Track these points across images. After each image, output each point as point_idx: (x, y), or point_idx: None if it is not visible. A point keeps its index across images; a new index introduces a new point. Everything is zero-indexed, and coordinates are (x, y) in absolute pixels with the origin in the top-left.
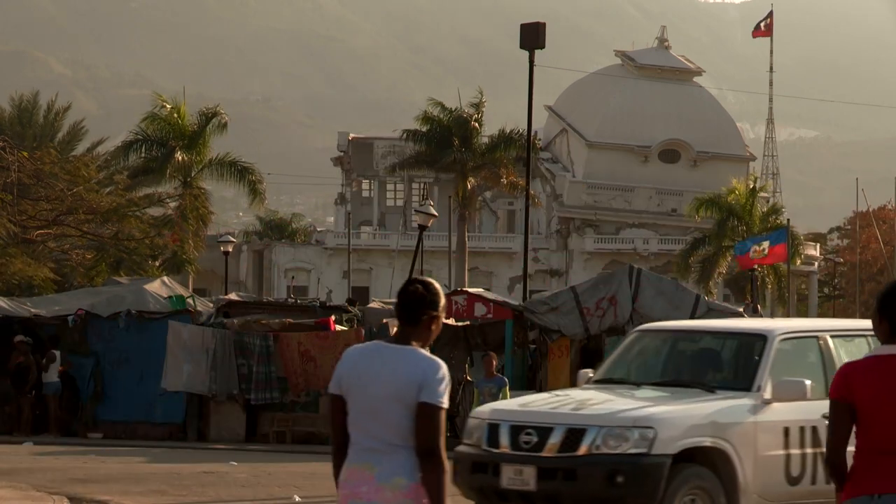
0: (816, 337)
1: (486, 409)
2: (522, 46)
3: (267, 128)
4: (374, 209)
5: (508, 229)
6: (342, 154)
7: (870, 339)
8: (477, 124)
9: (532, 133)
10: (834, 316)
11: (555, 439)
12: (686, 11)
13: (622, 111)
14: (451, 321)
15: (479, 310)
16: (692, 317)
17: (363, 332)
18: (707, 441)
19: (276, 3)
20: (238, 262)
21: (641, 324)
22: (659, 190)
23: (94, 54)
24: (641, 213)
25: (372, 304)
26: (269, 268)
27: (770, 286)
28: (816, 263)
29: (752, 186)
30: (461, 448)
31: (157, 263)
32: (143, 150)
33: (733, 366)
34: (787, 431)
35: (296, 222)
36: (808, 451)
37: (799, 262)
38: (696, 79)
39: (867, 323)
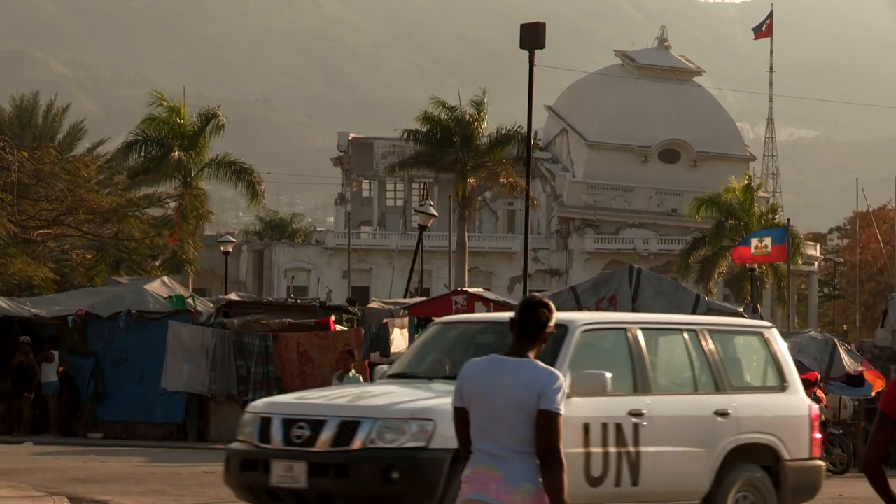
0: (624, 329)
1: (260, 403)
2: (522, 46)
3: (267, 128)
4: (374, 209)
5: (508, 229)
6: (342, 154)
7: (686, 333)
8: (478, 124)
9: (532, 133)
10: (834, 316)
11: (327, 433)
12: (686, 11)
13: (622, 111)
14: None
15: (479, 310)
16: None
17: (363, 332)
18: None
19: (276, 3)
20: (238, 262)
21: None
22: (659, 190)
23: (94, 54)
24: (641, 213)
25: (372, 304)
26: (269, 268)
27: (769, 286)
28: (816, 263)
29: (747, 183)
30: (233, 445)
31: (157, 263)
32: (143, 150)
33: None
34: (587, 428)
35: (296, 222)
36: (612, 450)
37: (800, 261)
38: (696, 79)
39: (686, 317)
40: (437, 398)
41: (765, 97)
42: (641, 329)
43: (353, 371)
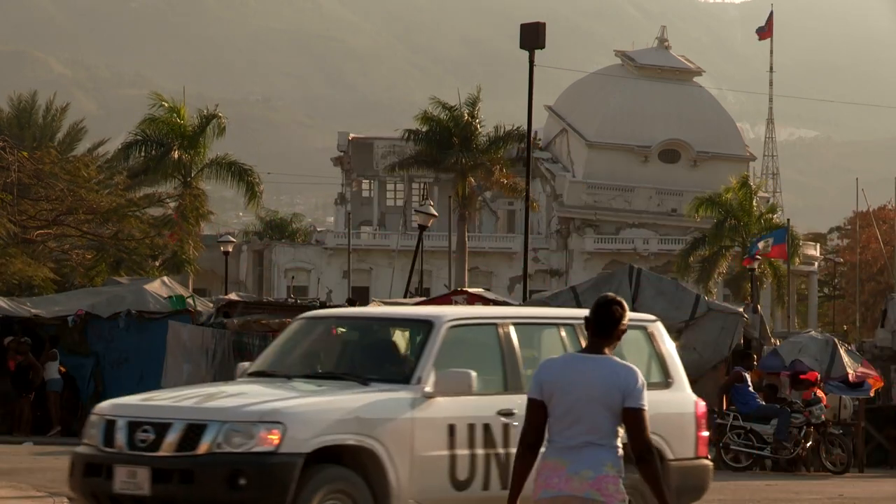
0: (495, 325)
1: (106, 405)
2: (522, 46)
3: (267, 128)
4: (374, 209)
5: (508, 229)
6: (342, 154)
7: (563, 328)
8: (475, 123)
9: (532, 133)
10: (834, 316)
11: (172, 437)
12: (686, 11)
13: (622, 111)
14: None
15: None
16: (692, 317)
17: None
18: (351, 439)
19: (276, 3)
20: (238, 262)
21: None
22: (659, 190)
23: (94, 54)
24: (641, 213)
25: (372, 304)
26: (269, 268)
27: (766, 286)
28: (816, 263)
29: (744, 182)
30: (78, 448)
31: (157, 263)
32: (143, 150)
33: (394, 356)
34: (452, 429)
35: (296, 222)
36: (479, 451)
37: (798, 261)
38: (696, 79)
39: (564, 311)
40: (290, 399)
41: (765, 97)
42: (514, 324)
43: None
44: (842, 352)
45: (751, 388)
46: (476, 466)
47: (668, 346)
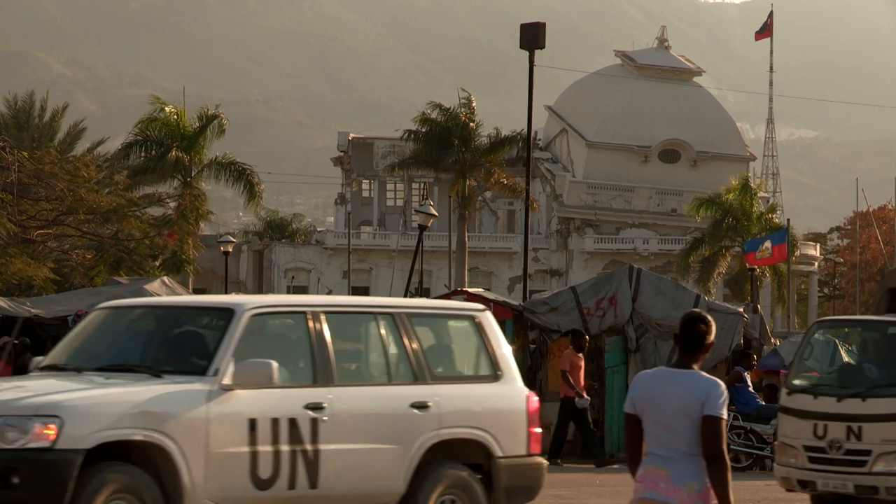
0: (304, 314)
1: None
2: (522, 46)
3: (267, 128)
4: (374, 209)
5: (508, 229)
6: (342, 154)
7: (382, 318)
8: (472, 123)
9: (532, 133)
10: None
11: None
12: (686, 11)
13: (622, 111)
14: None
15: None
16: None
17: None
18: (137, 434)
19: (276, 3)
20: (238, 262)
21: (641, 324)
22: (659, 190)
23: (94, 54)
24: (641, 213)
25: None
26: (269, 268)
27: (765, 285)
28: (816, 263)
29: (744, 183)
30: None
31: (157, 263)
32: (143, 150)
33: (191, 346)
34: (254, 424)
35: (296, 222)
36: (285, 448)
37: (794, 260)
38: (696, 79)
39: (385, 300)
40: (70, 392)
41: (765, 97)
42: (326, 313)
43: None
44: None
45: (751, 388)
46: (280, 464)
47: (498, 338)
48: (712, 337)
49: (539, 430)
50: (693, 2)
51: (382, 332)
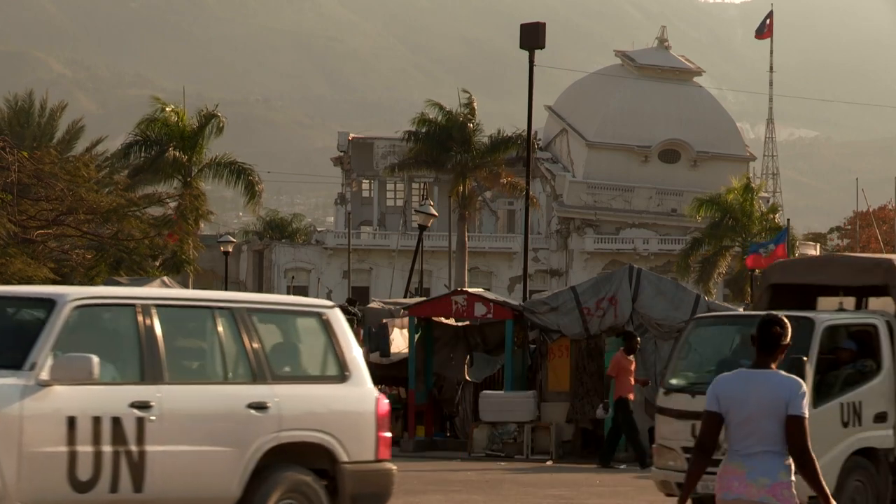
0: (133, 306)
1: None
2: (522, 46)
3: (267, 128)
4: (374, 209)
5: (508, 229)
6: (342, 154)
7: (219, 313)
8: (471, 124)
9: (532, 133)
10: None
11: None
12: (686, 11)
13: (622, 111)
14: (450, 321)
15: (479, 310)
16: (692, 317)
17: (362, 332)
18: None
19: (276, 3)
20: (238, 262)
21: (641, 324)
22: (659, 190)
23: (94, 54)
24: (641, 213)
25: (372, 305)
26: (269, 268)
27: None
28: None
29: (746, 183)
30: None
31: (157, 263)
32: (143, 150)
33: (9, 338)
34: (73, 423)
35: (296, 222)
36: (107, 449)
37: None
38: (696, 79)
39: (224, 294)
40: None
41: (765, 97)
42: (158, 307)
43: None
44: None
45: None
46: (102, 465)
47: (347, 336)
48: (788, 338)
49: (389, 434)
50: (693, 2)
51: (220, 328)
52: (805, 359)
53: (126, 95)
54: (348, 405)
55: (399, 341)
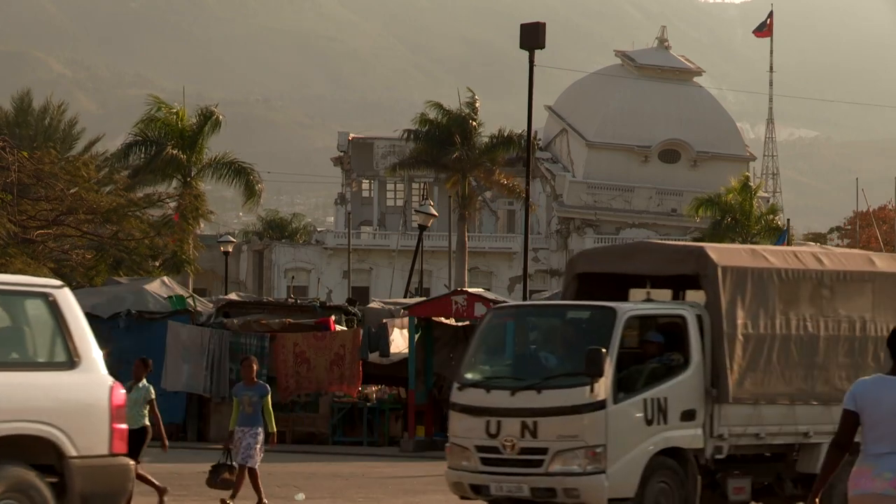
0: None
1: None
2: (522, 46)
3: (267, 128)
4: (374, 209)
5: (508, 229)
6: (342, 154)
7: None
8: (474, 123)
9: (532, 133)
10: None
11: None
12: (686, 11)
13: (622, 111)
14: (450, 321)
15: (479, 310)
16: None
17: (361, 332)
18: None
19: (276, 3)
20: (238, 262)
21: None
22: (659, 190)
23: (94, 54)
24: (641, 213)
25: (372, 305)
26: (269, 268)
27: None
28: None
29: (745, 182)
30: None
31: (157, 263)
32: (143, 150)
33: None
34: None
35: (296, 222)
36: None
37: None
38: (696, 79)
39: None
40: None
41: (765, 97)
42: None
43: (144, 381)
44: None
45: None
46: None
47: (78, 319)
48: None
49: (124, 426)
50: (693, 2)
51: None
52: (604, 351)
53: (126, 95)
54: (77, 394)
55: (399, 341)
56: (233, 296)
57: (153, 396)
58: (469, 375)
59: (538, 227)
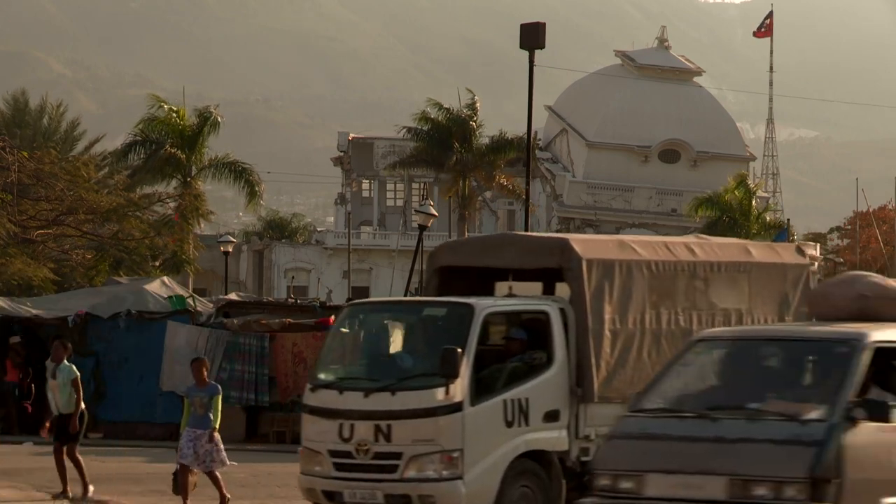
0: None
1: None
2: (522, 46)
3: (267, 128)
4: (374, 209)
5: (508, 229)
6: (342, 154)
7: None
8: (474, 124)
9: (532, 133)
10: None
11: None
12: (686, 11)
13: (622, 111)
14: None
15: None
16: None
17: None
18: None
19: (276, 3)
20: (238, 262)
21: None
22: (659, 190)
23: (94, 54)
24: (641, 213)
25: None
26: (269, 268)
27: None
28: (816, 263)
29: (741, 181)
30: None
31: (156, 263)
32: (143, 151)
33: None
34: None
35: (296, 222)
36: None
37: None
38: (696, 79)
39: None
40: None
41: (765, 97)
42: None
43: (66, 362)
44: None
45: None
46: None
47: None
48: None
49: None
50: (693, 2)
51: None
52: (460, 350)
53: (126, 95)
54: None
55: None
56: (233, 296)
57: (76, 375)
58: (322, 376)
59: (538, 227)
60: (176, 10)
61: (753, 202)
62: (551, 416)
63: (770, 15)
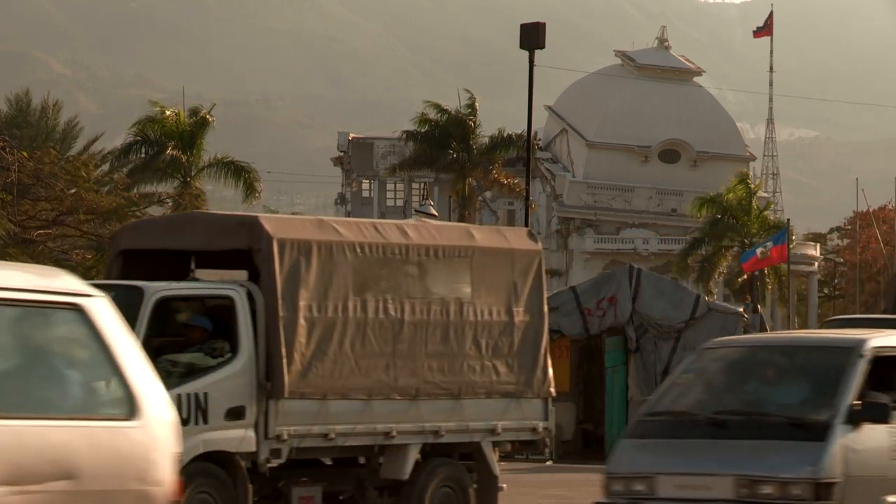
0: None
1: None
2: (522, 46)
3: (267, 128)
4: (374, 209)
5: None
6: (342, 154)
7: None
8: (473, 124)
9: (532, 133)
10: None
11: None
12: (686, 11)
13: (622, 111)
14: None
15: None
16: (692, 317)
17: None
18: None
19: (276, 3)
20: None
21: (641, 324)
22: (659, 190)
23: (94, 54)
24: (641, 213)
25: None
26: None
27: (770, 286)
28: (816, 263)
29: (741, 179)
30: None
31: None
32: (143, 151)
33: None
34: None
35: None
36: None
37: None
38: (696, 79)
39: None
40: None
41: (765, 97)
42: None
43: None
44: None
45: None
46: None
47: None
48: None
49: None
50: (693, 2)
51: None
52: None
53: (126, 95)
54: None
55: None
56: None
57: None
58: None
59: (538, 226)
60: (176, 10)
61: (754, 202)
62: (235, 414)
63: (770, 15)
